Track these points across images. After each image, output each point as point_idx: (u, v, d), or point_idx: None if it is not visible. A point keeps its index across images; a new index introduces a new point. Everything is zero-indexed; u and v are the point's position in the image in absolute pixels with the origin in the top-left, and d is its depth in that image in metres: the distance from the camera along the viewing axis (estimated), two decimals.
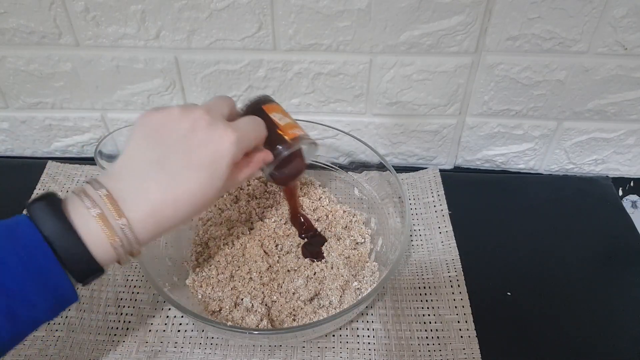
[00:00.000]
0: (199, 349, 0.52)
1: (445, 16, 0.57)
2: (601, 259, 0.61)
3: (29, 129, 0.72)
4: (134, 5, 0.58)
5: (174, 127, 0.38)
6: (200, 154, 0.37)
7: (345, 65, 0.62)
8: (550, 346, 0.53)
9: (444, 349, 0.52)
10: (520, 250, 0.62)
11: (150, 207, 0.36)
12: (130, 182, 0.37)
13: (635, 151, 0.70)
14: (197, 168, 0.37)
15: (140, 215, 0.36)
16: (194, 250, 0.59)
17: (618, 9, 0.55)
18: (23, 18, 0.59)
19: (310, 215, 0.63)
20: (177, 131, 0.38)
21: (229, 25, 0.59)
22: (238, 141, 0.39)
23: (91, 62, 0.63)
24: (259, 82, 0.65)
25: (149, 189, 0.36)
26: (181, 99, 0.67)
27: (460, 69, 0.62)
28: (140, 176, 0.37)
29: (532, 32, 0.58)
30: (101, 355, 0.51)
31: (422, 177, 0.69)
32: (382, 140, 0.71)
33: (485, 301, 0.56)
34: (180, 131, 0.38)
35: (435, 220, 0.64)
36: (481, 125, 0.68)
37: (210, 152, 0.38)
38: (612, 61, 0.60)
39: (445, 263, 0.59)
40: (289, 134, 0.47)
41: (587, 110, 0.65)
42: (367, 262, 0.57)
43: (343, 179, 0.67)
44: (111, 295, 0.56)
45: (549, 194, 0.69)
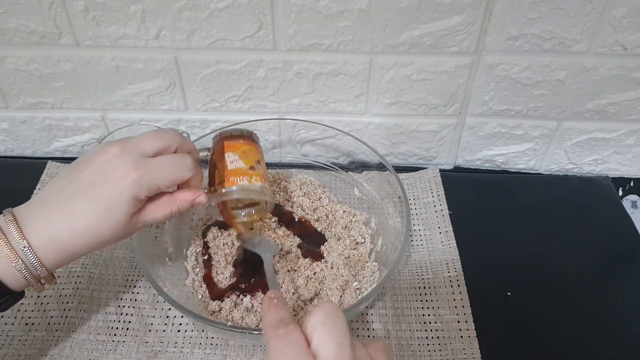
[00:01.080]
0: (199, 349, 0.52)
1: (445, 16, 0.57)
2: (601, 259, 0.61)
3: (29, 129, 0.72)
4: (134, 5, 0.57)
5: (87, 161, 0.41)
6: (99, 188, 0.40)
7: (345, 65, 0.62)
8: (550, 346, 0.53)
9: (444, 349, 0.52)
10: (520, 250, 0.62)
11: (48, 232, 0.39)
12: (35, 209, 0.40)
13: (635, 151, 0.70)
14: (93, 200, 0.40)
15: (41, 239, 0.39)
16: (194, 249, 0.59)
17: (618, 9, 0.55)
18: (23, 18, 0.59)
19: (310, 216, 0.63)
20: (89, 166, 0.41)
21: (229, 25, 0.59)
22: (139, 180, 0.40)
23: (91, 62, 0.63)
24: (259, 82, 0.65)
25: (49, 215, 0.40)
26: (181, 98, 0.67)
27: (460, 69, 0.62)
28: (44, 204, 0.40)
29: (532, 32, 0.58)
30: (101, 355, 0.51)
31: (422, 177, 0.69)
32: (382, 140, 0.71)
33: (485, 301, 0.56)
34: (92, 165, 0.41)
35: (435, 220, 0.64)
36: (481, 125, 0.68)
37: (109, 188, 0.40)
38: (612, 61, 0.60)
39: (445, 263, 0.59)
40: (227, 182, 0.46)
41: (587, 110, 0.65)
42: (367, 262, 0.57)
43: (343, 179, 0.67)
44: (111, 295, 0.56)
45: (549, 194, 0.69)
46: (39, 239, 0.39)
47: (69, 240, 0.40)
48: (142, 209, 0.43)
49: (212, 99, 0.67)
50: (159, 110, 0.68)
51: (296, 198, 0.64)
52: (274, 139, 0.71)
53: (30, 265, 0.39)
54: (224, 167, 0.47)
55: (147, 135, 0.43)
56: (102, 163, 0.41)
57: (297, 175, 0.68)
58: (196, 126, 0.70)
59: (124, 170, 0.40)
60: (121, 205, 0.40)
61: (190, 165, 0.44)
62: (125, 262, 0.59)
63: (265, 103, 0.67)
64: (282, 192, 0.65)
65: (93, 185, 0.40)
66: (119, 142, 0.42)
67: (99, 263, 0.58)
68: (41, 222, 0.40)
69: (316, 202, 0.64)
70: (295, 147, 0.71)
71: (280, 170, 0.68)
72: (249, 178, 0.47)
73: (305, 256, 0.57)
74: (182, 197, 0.45)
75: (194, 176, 0.44)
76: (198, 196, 0.45)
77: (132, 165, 0.40)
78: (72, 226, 0.40)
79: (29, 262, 0.39)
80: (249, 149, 0.49)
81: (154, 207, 0.43)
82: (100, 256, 0.59)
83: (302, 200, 0.64)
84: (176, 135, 0.45)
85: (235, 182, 0.46)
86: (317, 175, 0.68)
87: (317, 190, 0.65)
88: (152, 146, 0.42)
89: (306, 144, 0.70)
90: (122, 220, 0.41)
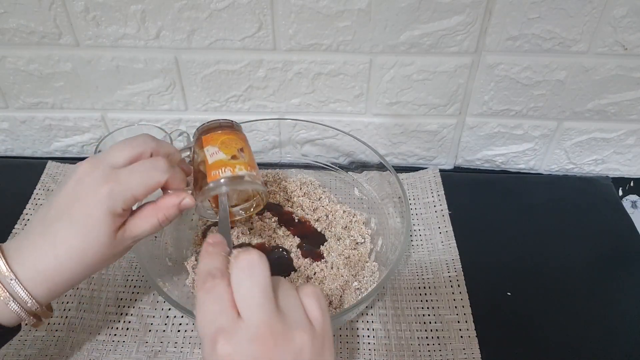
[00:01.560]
0: (199, 349, 0.52)
1: (445, 16, 0.57)
2: (601, 259, 0.61)
3: (29, 129, 0.72)
4: (134, 5, 0.57)
5: (62, 185, 0.40)
6: (75, 209, 0.38)
7: (345, 65, 0.62)
8: (550, 346, 0.53)
9: (444, 349, 0.52)
10: (520, 250, 0.62)
11: (35, 262, 0.38)
12: (21, 242, 0.39)
13: (635, 151, 0.70)
14: (72, 223, 0.38)
15: (28, 271, 0.38)
16: (194, 250, 0.59)
17: (618, 9, 0.55)
18: (23, 18, 0.59)
19: (310, 216, 0.63)
20: (64, 189, 0.39)
21: (229, 25, 0.59)
22: (111, 192, 0.38)
23: (91, 62, 0.63)
24: (259, 82, 0.65)
25: (33, 245, 0.38)
26: (181, 98, 0.67)
27: (460, 69, 0.62)
28: (28, 235, 0.39)
29: (532, 32, 0.58)
30: (101, 355, 0.51)
31: (422, 177, 0.69)
32: (382, 140, 0.71)
33: (485, 301, 0.55)
34: (66, 188, 0.39)
35: (435, 220, 0.64)
36: (481, 125, 0.68)
37: (84, 207, 0.38)
38: (612, 61, 0.60)
39: (445, 263, 0.59)
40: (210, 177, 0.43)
41: (587, 110, 0.65)
42: (367, 262, 0.57)
43: (343, 179, 0.67)
44: (111, 295, 0.56)
45: (549, 194, 0.69)
46: (25, 270, 0.38)
47: (56, 268, 0.38)
48: (126, 224, 0.40)
49: (212, 99, 0.67)
50: (159, 110, 0.69)
51: (296, 198, 0.64)
52: (274, 139, 0.71)
53: (19, 298, 0.38)
54: (205, 163, 0.44)
55: (116, 145, 0.41)
56: (74, 183, 0.39)
57: (297, 175, 0.68)
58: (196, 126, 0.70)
59: (95, 186, 0.38)
60: (100, 223, 0.38)
61: (165, 167, 0.41)
62: (125, 262, 0.59)
63: (265, 103, 0.67)
64: (282, 192, 0.65)
65: (69, 208, 0.39)
66: (89, 158, 0.40)
67: None
68: (26, 253, 0.38)
69: (316, 202, 0.64)
70: (295, 147, 0.71)
71: (280, 170, 0.68)
72: (232, 168, 0.43)
73: (305, 256, 0.57)
74: (166, 204, 0.42)
75: (172, 178, 0.41)
76: (183, 199, 0.42)
77: (101, 179, 0.38)
78: (57, 253, 0.38)
79: (17, 295, 0.38)
80: (228, 138, 0.45)
81: (138, 220, 0.41)
82: None
83: (302, 200, 0.64)
84: (148, 140, 0.42)
85: (217, 175, 0.43)
86: (317, 175, 0.68)
87: (317, 190, 0.65)
88: (122, 156, 0.40)
89: (306, 144, 0.70)
90: (104, 239, 0.39)
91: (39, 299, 0.39)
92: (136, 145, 0.41)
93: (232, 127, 0.47)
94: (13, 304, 0.38)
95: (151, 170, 0.40)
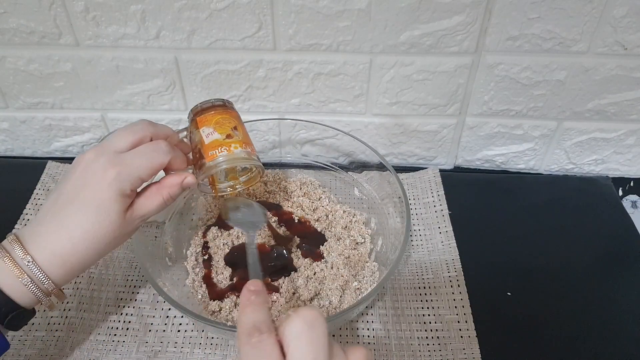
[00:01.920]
0: (199, 349, 0.52)
1: (445, 16, 0.57)
2: (601, 259, 0.61)
3: (29, 129, 0.72)
4: (134, 5, 0.57)
5: (69, 173, 0.42)
6: (85, 193, 0.41)
7: (345, 65, 0.62)
8: (550, 346, 0.53)
9: (444, 349, 0.52)
10: (520, 250, 0.62)
11: (50, 245, 0.40)
12: (34, 228, 0.41)
13: (635, 151, 0.70)
14: (83, 206, 0.41)
15: (45, 254, 0.40)
16: (194, 249, 0.59)
17: (618, 9, 0.55)
18: (23, 18, 0.59)
19: (310, 216, 0.63)
20: (71, 176, 0.42)
21: (229, 25, 0.59)
22: (119, 175, 0.41)
23: (91, 62, 0.63)
24: (259, 82, 0.65)
25: (47, 230, 0.41)
26: (181, 98, 0.67)
27: (460, 69, 0.62)
28: (41, 222, 0.41)
29: (532, 32, 0.58)
30: (101, 355, 0.51)
31: (422, 177, 0.69)
32: (382, 140, 0.71)
33: (485, 301, 0.55)
34: (73, 175, 0.42)
35: (435, 220, 0.64)
36: (481, 125, 0.68)
37: (93, 191, 0.41)
38: (612, 61, 0.60)
39: (445, 263, 0.59)
40: (208, 157, 0.46)
41: (587, 110, 0.65)
42: (367, 262, 0.57)
43: (343, 179, 0.67)
44: (111, 295, 0.56)
45: (549, 194, 0.69)
46: (42, 253, 0.40)
47: (71, 250, 0.41)
48: (134, 204, 0.43)
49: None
50: (159, 110, 0.69)
51: (296, 198, 0.64)
52: (274, 139, 0.71)
53: (37, 279, 0.40)
54: (202, 143, 0.46)
55: (117, 132, 0.43)
56: (81, 170, 0.42)
57: (297, 175, 0.68)
58: None
59: (102, 171, 0.41)
60: (110, 204, 0.41)
61: (166, 149, 0.44)
62: (125, 262, 0.59)
63: (265, 103, 0.67)
64: (282, 192, 0.65)
65: (79, 193, 0.41)
66: (93, 147, 0.43)
67: (99, 263, 0.58)
68: (41, 238, 0.41)
69: (316, 202, 0.64)
70: (295, 147, 0.71)
71: (280, 170, 0.68)
72: (227, 147, 0.46)
73: (305, 256, 0.57)
74: (169, 183, 0.45)
75: (174, 159, 0.44)
76: (185, 178, 0.45)
77: (108, 164, 0.41)
78: (71, 235, 0.40)
79: (35, 276, 0.40)
80: (222, 117, 0.47)
81: (144, 199, 0.44)
82: None
83: (302, 200, 0.64)
84: (147, 125, 0.45)
85: (214, 155, 0.45)
86: (317, 175, 0.68)
87: (317, 190, 0.65)
88: (124, 141, 0.43)
89: (306, 144, 0.70)
90: (115, 219, 0.41)
91: (55, 280, 0.41)
92: (137, 131, 0.44)
93: (225, 105, 0.49)
94: (32, 285, 0.40)
95: (154, 152, 0.43)
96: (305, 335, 0.32)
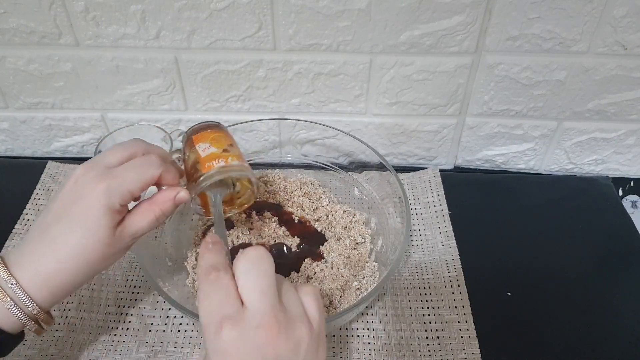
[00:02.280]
0: (199, 349, 0.52)
1: (445, 16, 0.57)
2: (601, 259, 0.61)
3: (29, 129, 0.72)
4: (134, 5, 0.57)
5: (59, 191, 0.41)
6: (72, 209, 0.39)
7: (345, 65, 0.62)
8: (550, 346, 0.53)
9: (444, 349, 0.52)
10: (521, 250, 0.62)
11: (34, 265, 0.39)
12: (21, 248, 0.40)
13: (635, 151, 0.70)
14: (70, 222, 0.39)
15: (29, 275, 0.38)
16: (194, 250, 0.59)
17: (618, 9, 0.55)
18: (23, 18, 0.59)
19: (310, 216, 0.63)
20: (60, 193, 0.40)
21: (229, 25, 0.59)
22: (108, 188, 0.39)
23: (91, 62, 0.63)
24: (259, 82, 0.65)
25: (33, 250, 0.39)
26: (181, 98, 0.67)
27: (460, 69, 0.62)
28: (28, 241, 0.40)
29: (532, 32, 0.58)
30: (101, 355, 0.51)
31: (422, 177, 0.69)
32: (382, 140, 0.71)
33: (485, 301, 0.55)
34: (63, 191, 0.40)
35: (435, 220, 0.64)
36: (481, 125, 0.68)
37: (81, 206, 0.39)
38: (612, 61, 0.60)
39: (445, 263, 0.59)
40: (204, 168, 0.45)
41: (587, 110, 0.65)
42: (367, 262, 0.57)
43: (343, 179, 0.67)
44: (111, 295, 0.56)
45: (549, 194, 0.69)
46: (26, 274, 0.38)
47: (56, 269, 0.39)
48: (124, 221, 0.41)
49: (212, 99, 0.67)
50: (159, 110, 0.69)
51: (296, 198, 0.64)
52: (274, 139, 0.71)
53: (20, 302, 0.38)
54: (197, 158, 0.45)
55: (109, 149, 0.42)
56: (71, 186, 0.40)
57: (297, 175, 0.68)
58: None
59: (92, 185, 0.39)
60: (98, 219, 0.39)
61: (157, 162, 0.42)
62: (125, 262, 0.59)
63: (265, 103, 0.67)
64: (282, 192, 0.65)
65: (67, 209, 0.39)
66: (84, 163, 0.42)
67: None
68: (26, 258, 0.39)
69: (316, 202, 0.64)
70: (295, 147, 0.71)
71: (280, 170, 0.68)
72: (225, 159, 0.45)
73: (305, 256, 0.57)
74: (161, 198, 0.43)
75: (165, 172, 0.42)
76: (178, 192, 0.43)
77: (97, 178, 0.39)
78: (57, 254, 0.39)
79: (18, 299, 0.38)
80: (218, 135, 0.48)
81: (135, 216, 0.42)
82: None
83: (302, 200, 0.64)
84: (139, 143, 0.44)
85: (211, 166, 0.44)
86: (317, 175, 0.68)
87: (317, 190, 0.65)
88: (115, 157, 0.41)
89: (306, 144, 0.70)
90: (104, 235, 0.39)
91: (41, 302, 0.39)
92: (128, 147, 0.43)
93: (219, 126, 0.50)
94: (15, 308, 0.38)
95: (145, 166, 0.41)
96: (254, 269, 0.34)
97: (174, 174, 0.44)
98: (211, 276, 0.34)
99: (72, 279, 0.40)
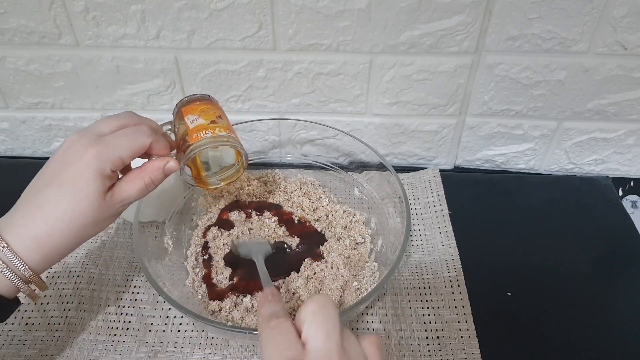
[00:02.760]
0: (199, 349, 0.52)
1: (445, 16, 0.57)
2: (601, 259, 0.61)
3: (29, 129, 0.72)
4: (134, 5, 0.58)
5: (51, 157, 0.42)
6: (63, 173, 0.40)
7: (345, 65, 0.62)
8: (550, 346, 0.53)
9: (444, 349, 0.52)
10: (520, 250, 0.62)
11: (26, 229, 0.40)
12: (12, 213, 0.41)
13: (635, 151, 0.70)
14: (60, 186, 0.40)
15: (20, 238, 0.39)
16: (194, 250, 0.59)
17: (618, 9, 0.55)
18: (23, 18, 0.59)
19: (310, 216, 0.63)
20: (52, 159, 0.42)
21: (229, 25, 0.59)
22: (99, 154, 0.40)
23: (91, 62, 0.63)
24: (259, 82, 0.65)
25: (23, 214, 0.40)
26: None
27: (460, 69, 0.62)
28: (19, 206, 0.41)
29: (532, 32, 0.58)
30: (101, 355, 0.51)
31: (422, 177, 0.69)
32: (382, 140, 0.71)
33: (485, 301, 0.55)
34: (54, 157, 0.41)
35: (435, 220, 0.64)
36: (481, 125, 0.68)
37: (72, 170, 0.40)
38: (612, 61, 0.60)
39: (445, 263, 0.59)
40: (192, 139, 0.46)
41: (587, 110, 0.65)
42: (367, 262, 0.57)
43: (343, 179, 0.67)
44: (111, 295, 0.56)
45: (549, 194, 0.69)
46: (17, 238, 0.39)
47: (47, 232, 0.40)
48: (114, 187, 0.42)
49: None
50: (159, 110, 0.68)
51: (296, 198, 0.64)
52: (274, 139, 0.71)
53: (13, 265, 0.39)
54: (186, 130, 0.47)
55: (102, 119, 0.44)
56: (62, 152, 0.41)
57: (297, 175, 0.68)
58: None
59: (83, 150, 0.40)
60: (88, 183, 0.40)
61: (148, 131, 0.44)
62: (125, 262, 0.59)
63: (265, 103, 0.67)
64: (282, 192, 0.65)
65: (58, 173, 0.40)
66: (77, 132, 0.43)
67: (99, 263, 0.58)
68: (18, 222, 0.40)
69: (316, 202, 0.64)
70: (295, 147, 0.71)
71: (280, 170, 0.68)
72: (212, 130, 0.47)
73: (305, 256, 0.57)
74: (151, 167, 0.44)
75: (156, 142, 0.44)
76: (167, 162, 0.45)
77: (88, 144, 0.41)
78: (47, 217, 0.40)
79: (10, 262, 0.39)
80: (207, 107, 0.49)
81: (125, 183, 0.43)
82: (100, 256, 0.59)
83: (302, 200, 0.64)
84: (131, 114, 0.45)
85: (199, 136, 0.46)
86: (317, 175, 0.68)
87: (317, 190, 0.65)
88: (108, 126, 0.43)
89: (306, 144, 0.70)
90: (94, 199, 0.40)
91: (33, 265, 0.40)
92: (121, 118, 0.44)
93: (209, 98, 0.51)
94: (7, 271, 0.39)
95: (136, 134, 0.43)
96: (319, 313, 0.34)
97: (164, 145, 0.45)
98: (272, 323, 0.35)
99: (64, 243, 0.41)
